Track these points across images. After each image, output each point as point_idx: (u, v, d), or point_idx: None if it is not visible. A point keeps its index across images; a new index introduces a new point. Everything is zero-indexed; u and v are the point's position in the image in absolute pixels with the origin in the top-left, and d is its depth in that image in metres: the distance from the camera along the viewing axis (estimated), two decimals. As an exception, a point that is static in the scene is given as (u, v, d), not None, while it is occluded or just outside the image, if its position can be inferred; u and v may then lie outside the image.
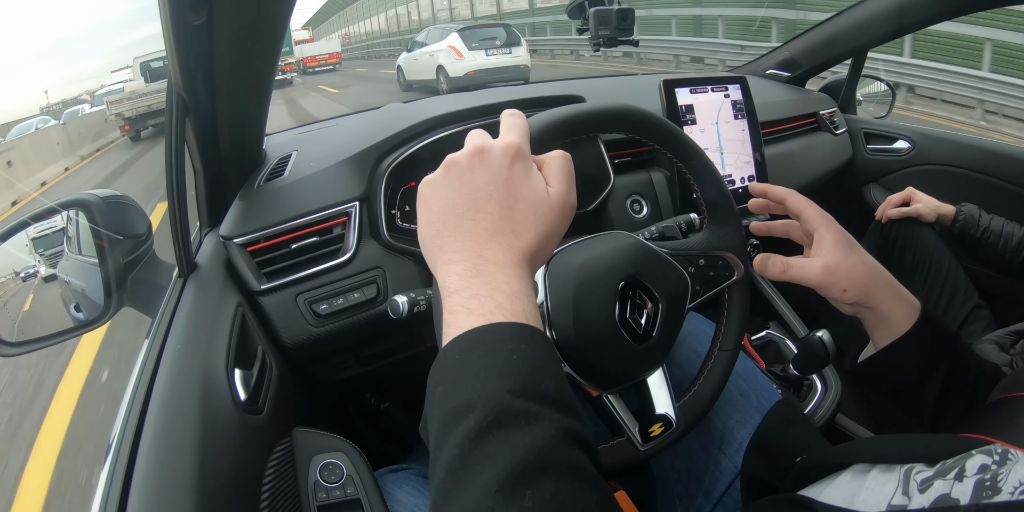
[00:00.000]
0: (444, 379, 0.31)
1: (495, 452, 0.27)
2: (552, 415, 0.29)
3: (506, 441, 0.27)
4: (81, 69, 50.72)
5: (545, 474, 0.26)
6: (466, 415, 0.28)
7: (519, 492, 0.25)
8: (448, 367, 0.31)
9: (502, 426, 0.27)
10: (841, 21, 1.35)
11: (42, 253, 0.76)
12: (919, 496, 0.38)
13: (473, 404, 0.28)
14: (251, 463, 0.52)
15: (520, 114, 0.41)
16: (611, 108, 0.51)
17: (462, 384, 0.30)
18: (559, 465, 0.27)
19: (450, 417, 0.29)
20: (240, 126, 0.72)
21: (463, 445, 0.27)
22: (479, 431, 0.27)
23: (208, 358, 0.56)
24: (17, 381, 2.46)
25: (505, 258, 0.35)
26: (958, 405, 0.53)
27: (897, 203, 1.17)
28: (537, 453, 0.27)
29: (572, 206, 0.39)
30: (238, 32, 0.54)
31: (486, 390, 0.29)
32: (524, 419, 0.28)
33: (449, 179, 0.37)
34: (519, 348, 0.31)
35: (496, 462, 0.26)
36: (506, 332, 0.32)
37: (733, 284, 0.60)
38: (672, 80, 1.05)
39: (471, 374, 0.30)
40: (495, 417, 0.28)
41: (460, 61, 8.65)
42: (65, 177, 9.20)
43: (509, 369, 0.30)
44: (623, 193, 0.97)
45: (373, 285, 0.75)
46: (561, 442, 0.28)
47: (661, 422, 0.53)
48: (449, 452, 0.28)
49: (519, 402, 0.28)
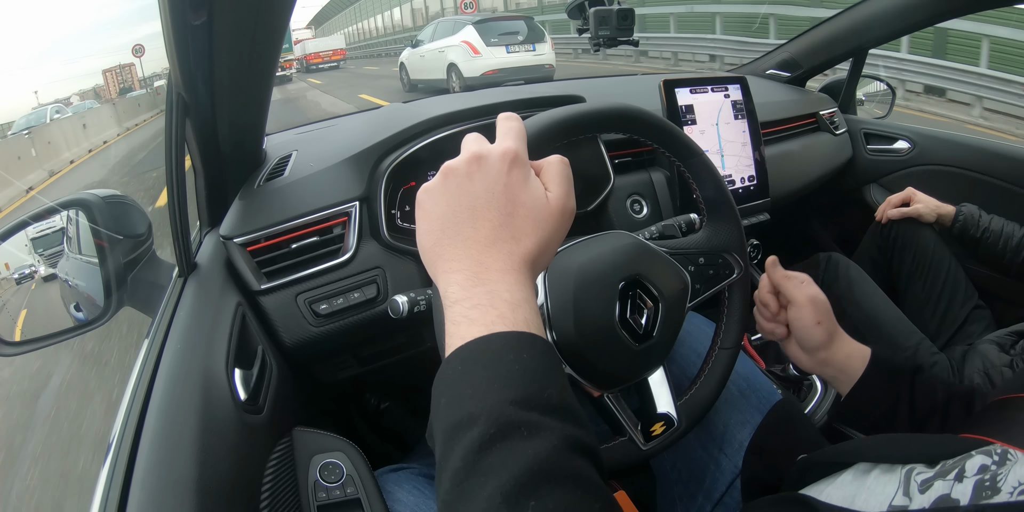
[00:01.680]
0: (447, 391, 0.31)
1: (498, 464, 0.27)
2: (554, 424, 0.29)
3: (509, 452, 0.27)
4: (82, 67, 50.34)
5: (548, 484, 0.26)
6: (469, 427, 0.28)
7: (523, 503, 0.25)
8: (451, 378, 0.31)
9: (505, 438, 0.28)
10: (841, 21, 1.35)
11: (42, 253, 0.76)
12: (919, 496, 0.38)
13: (476, 416, 0.29)
14: (251, 463, 0.52)
15: (516, 117, 0.40)
16: (608, 108, 0.51)
17: (465, 396, 0.30)
18: (562, 475, 0.27)
19: (454, 429, 0.29)
20: (240, 126, 0.72)
21: (467, 457, 0.27)
22: (482, 443, 0.27)
23: (208, 358, 0.56)
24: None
25: (506, 265, 0.35)
26: (933, 429, 0.57)
27: (897, 203, 1.17)
28: (540, 464, 0.27)
29: (571, 210, 0.39)
30: (238, 32, 0.54)
31: (488, 402, 0.29)
32: (527, 430, 0.28)
33: (448, 187, 0.37)
34: (521, 358, 0.31)
35: (499, 474, 0.26)
36: (508, 342, 0.32)
37: (733, 282, 0.60)
38: (672, 80, 1.05)
39: (473, 386, 0.30)
40: (498, 429, 0.28)
41: (476, 59, 7.48)
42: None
43: (511, 380, 0.30)
44: (623, 193, 0.97)
45: (373, 285, 0.75)
46: (564, 451, 0.28)
47: (663, 421, 0.53)
48: (454, 464, 0.28)
49: (522, 413, 0.29)
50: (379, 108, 1.06)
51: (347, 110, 2.07)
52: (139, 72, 19.60)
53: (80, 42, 41.55)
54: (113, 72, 19.42)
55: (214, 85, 0.60)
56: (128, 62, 19.04)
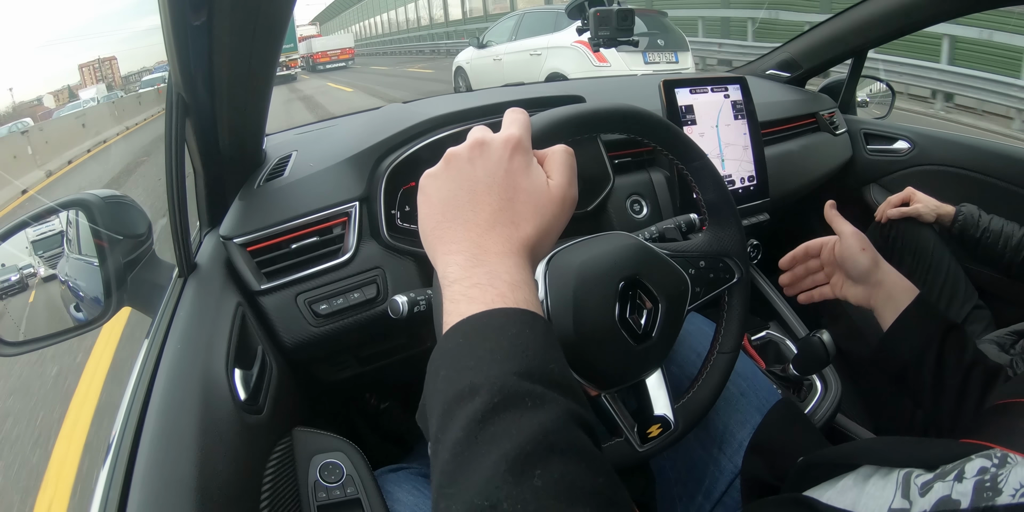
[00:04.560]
0: (447, 363, 0.31)
1: (502, 433, 0.26)
2: (558, 398, 0.29)
3: (514, 422, 0.27)
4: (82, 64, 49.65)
5: (553, 454, 0.26)
6: (472, 397, 0.28)
7: (528, 471, 0.25)
8: (451, 351, 0.31)
9: (509, 407, 0.27)
10: (841, 21, 1.35)
11: (42, 255, 0.76)
12: (920, 499, 0.38)
13: (478, 386, 0.28)
14: (251, 463, 0.52)
15: (522, 110, 0.41)
16: (614, 108, 0.51)
17: (466, 367, 0.30)
18: (567, 446, 0.27)
19: (455, 400, 0.29)
20: (240, 126, 0.72)
21: (469, 427, 0.27)
22: (486, 412, 0.27)
23: (208, 358, 0.56)
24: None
25: (505, 248, 0.35)
26: (952, 392, 0.60)
27: (897, 203, 1.17)
28: (545, 434, 0.27)
29: (573, 199, 0.39)
30: (238, 32, 0.54)
31: (492, 373, 0.29)
32: (531, 400, 0.28)
33: (450, 171, 0.37)
34: (523, 333, 0.31)
35: (504, 443, 0.26)
36: (510, 317, 0.31)
37: (733, 286, 0.60)
38: (672, 80, 1.05)
39: (475, 357, 0.30)
40: (502, 398, 0.27)
41: (601, 68, 5.01)
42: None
43: (514, 352, 0.30)
44: (623, 193, 0.97)
45: (373, 285, 0.75)
46: (568, 424, 0.28)
47: (659, 423, 0.53)
48: (454, 434, 0.27)
49: (525, 384, 0.28)
50: (379, 108, 1.06)
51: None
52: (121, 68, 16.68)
53: (80, 36, 40.71)
54: (92, 67, 16.15)
55: (214, 85, 0.60)
56: (109, 55, 16.32)
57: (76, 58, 15.99)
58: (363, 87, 12.37)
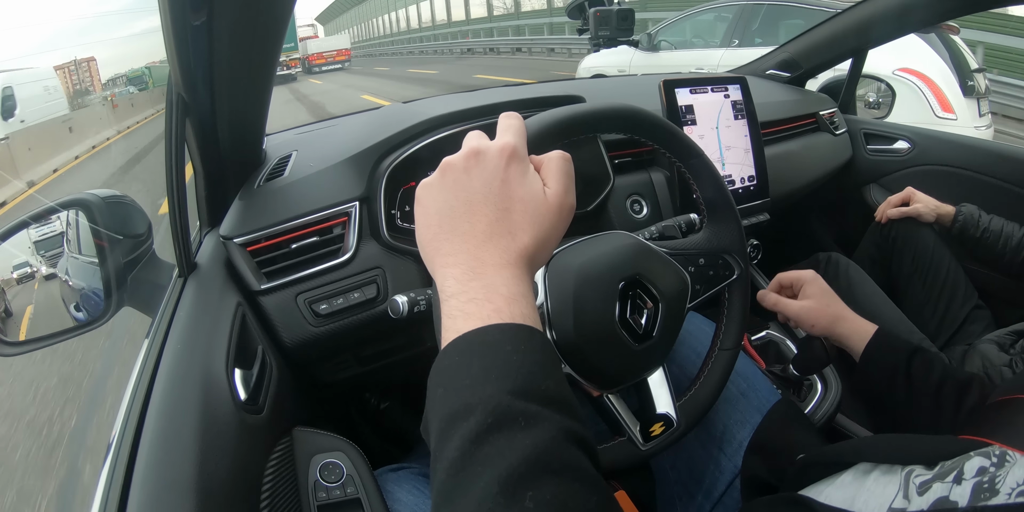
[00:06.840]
0: (443, 381, 0.31)
1: (495, 453, 0.27)
2: (552, 416, 0.29)
3: (506, 442, 0.27)
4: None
5: (546, 475, 0.26)
6: (466, 417, 0.28)
7: (520, 493, 0.25)
8: (447, 369, 0.31)
9: (502, 427, 0.27)
10: (841, 21, 1.35)
11: (42, 255, 0.76)
12: (918, 498, 0.39)
13: (473, 406, 0.28)
14: (251, 463, 0.52)
15: (517, 116, 0.40)
16: (609, 108, 0.51)
17: (461, 386, 0.30)
18: (560, 466, 0.27)
19: (450, 419, 0.29)
20: (240, 126, 0.72)
21: (463, 447, 0.27)
22: (479, 433, 0.27)
23: (208, 358, 0.56)
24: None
25: (502, 260, 0.35)
26: (926, 412, 0.65)
27: (897, 203, 1.17)
28: (538, 454, 0.27)
29: (571, 207, 0.39)
30: (238, 32, 0.54)
31: (486, 392, 0.29)
32: (524, 420, 0.28)
33: (445, 182, 0.37)
34: (518, 349, 0.31)
35: (496, 463, 0.26)
36: (505, 333, 0.31)
37: (733, 283, 0.60)
38: (672, 80, 1.05)
39: (470, 376, 0.30)
40: (495, 419, 0.28)
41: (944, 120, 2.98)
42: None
43: (508, 370, 0.30)
44: (623, 193, 0.97)
45: (373, 285, 0.75)
46: (562, 443, 0.28)
47: (662, 421, 0.53)
48: (450, 454, 0.28)
49: (519, 403, 0.28)
50: (379, 108, 1.06)
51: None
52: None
53: (80, 34, 40.14)
54: (67, 69, 12.85)
55: (214, 85, 0.60)
56: (87, 56, 13.34)
57: (50, 59, 13.91)
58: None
